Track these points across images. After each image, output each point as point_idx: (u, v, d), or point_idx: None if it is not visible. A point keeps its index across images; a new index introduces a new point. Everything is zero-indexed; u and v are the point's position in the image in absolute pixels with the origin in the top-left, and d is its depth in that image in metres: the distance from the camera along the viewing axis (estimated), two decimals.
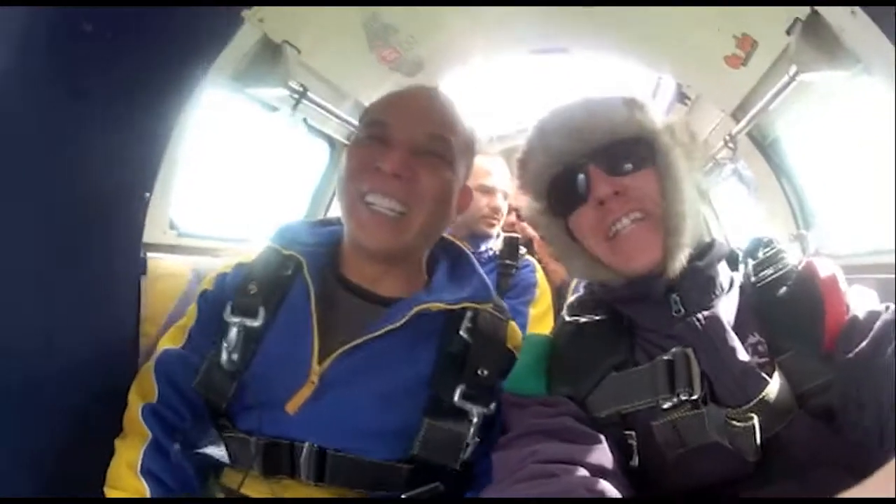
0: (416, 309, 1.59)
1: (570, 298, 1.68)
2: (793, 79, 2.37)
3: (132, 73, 1.69)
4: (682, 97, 3.77)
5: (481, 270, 1.79)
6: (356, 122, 3.35)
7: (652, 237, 1.42)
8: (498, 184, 3.36)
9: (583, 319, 1.57)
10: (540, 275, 3.39)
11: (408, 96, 1.70)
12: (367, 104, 3.31)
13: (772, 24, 2.32)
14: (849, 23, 1.93)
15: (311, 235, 1.76)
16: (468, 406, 1.57)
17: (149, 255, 2.03)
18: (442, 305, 1.62)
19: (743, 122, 3.09)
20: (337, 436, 1.54)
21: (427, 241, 1.72)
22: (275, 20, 2.28)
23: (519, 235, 3.56)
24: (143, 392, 1.66)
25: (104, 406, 1.68)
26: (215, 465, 1.63)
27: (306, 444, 1.53)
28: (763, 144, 3.30)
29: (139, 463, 1.55)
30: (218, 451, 1.57)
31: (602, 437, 1.33)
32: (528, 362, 1.58)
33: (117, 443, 1.61)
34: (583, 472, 1.22)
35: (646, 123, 1.47)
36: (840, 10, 1.93)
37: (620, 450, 1.36)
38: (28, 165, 1.52)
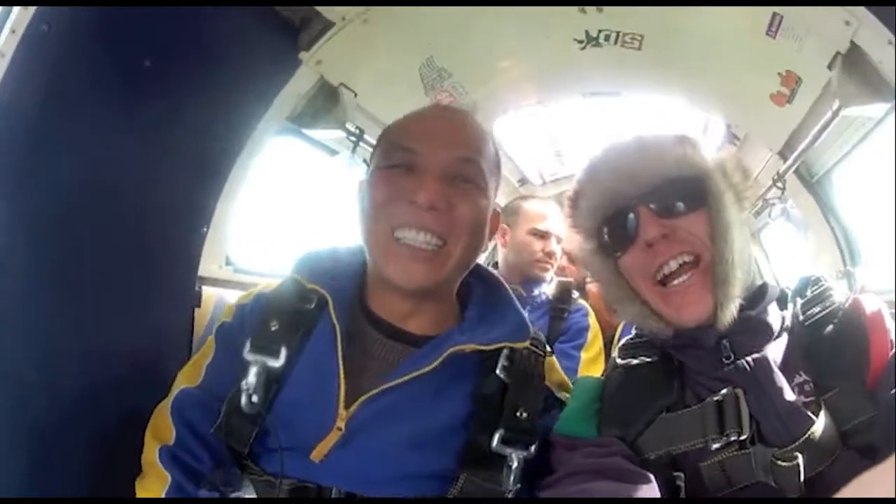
0: (448, 351, 1.46)
1: (622, 340, 1.65)
2: (836, 114, 2.34)
3: (191, 112, 1.76)
4: (731, 137, 3.76)
5: (517, 303, 1.66)
6: None
7: (703, 290, 1.38)
8: (552, 228, 3.38)
9: (634, 362, 1.55)
10: (592, 319, 3.38)
11: (431, 118, 1.59)
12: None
13: (814, 60, 2.32)
14: (886, 54, 1.92)
15: (337, 265, 1.63)
16: (507, 451, 1.46)
17: (204, 288, 2.09)
18: (476, 346, 1.50)
19: (790, 160, 3.07)
20: (366, 484, 1.44)
21: (462, 273, 1.58)
22: (332, 63, 2.33)
23: (572, 280, 3.57)
24: (159, 434, 1.54)
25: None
26: None
27: (334, 489, 1.44)
28: (810, 182, 3.28)
29: None
30: (249, 495, 1.47)
31: (651, 477, 1.31)
32: (580, 405, 1.55)
33: (137, 484, 1.52)
34: None
35: (697, 162, 1.44)
36: (878, 42, 1.93)
37: (668, 491, 1.35)
38: (94, 198, 1.61)
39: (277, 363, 1.49)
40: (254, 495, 1.46)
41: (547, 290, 3.42)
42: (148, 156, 1.71)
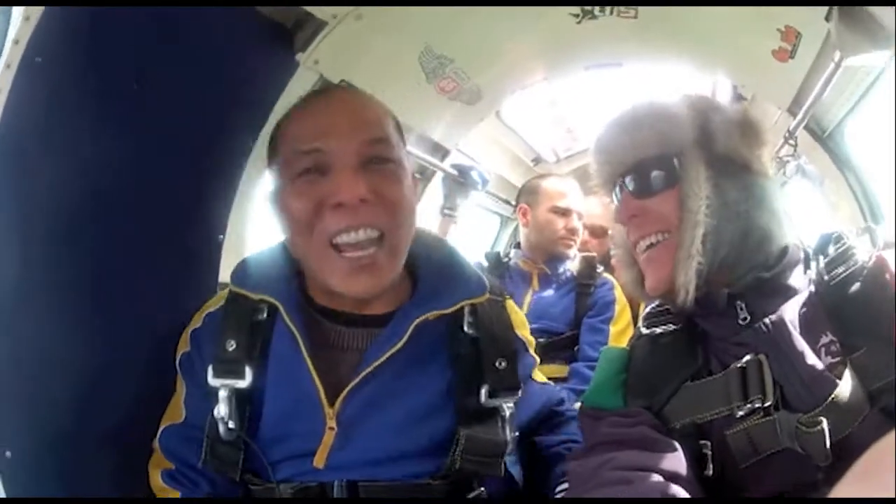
0: (414, 324, 1.46)
1: (646, 309, 1.66)
2: (838, 65, 2.34)
3: (195, 123, 1.79)
4: (738, 98, 3.73)
5: (465, 258, 1.68)
6: (423, 154, 3.45)
7: (663, 264, 1.43)
8: (573, 205, 3.44)
9: (658, 330, 1.56)
10: (618, 292, 3.40)
11: (323, 112, 1.49)
12: (432, 136, 3.40)
13: (811, 13, 2.31)
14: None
15: (275, 269, 1.59)
16: (497, 402, 1.51)
17: None
18: (439, 312, 1.51)
19: (799, 116, 3.05)
20: (371, 470, 1.46)
21: (405, 254, 1.52)
22: (329, 62, 2.34)
23: (595, 254, 3.59)
24: (158, 464, 1.58)
25: None
26: None
27: (335, 483, 1.45)
28: (822, 137, 3.25)
29: None
30: None
31: (677, 445, 1.33)
32: (606, 376, 1.56)
33: None
34: (658, 478, 1.23)
35: (671, 138, 1.44)
36: None
37: (696, 460, 1.36)
38: (108, 212, 1.64)
39: (245, 383, 1.48)
40: None
41: (571, 266, 3.45)
42: (157, 169, 1.74)
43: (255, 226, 2.32)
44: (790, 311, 1.40)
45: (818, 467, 1.25)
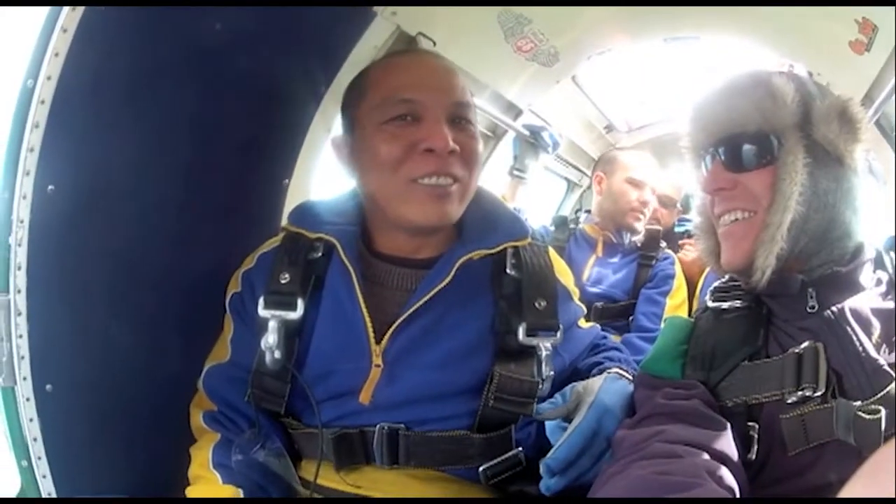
0: (459, 262, 1.56)
1: (713, 284, 1.66)
2: None
3: (269, 69, 1.81)
4: None
5: (507, 206, 1.79)
6: (495, 112, 3.44)
7: (744, 240, 1.41)
8: (647, 178, 3.50)
9: (724, 305, 1.55)
10: (678, 268, 3.47)
11: (422, 67, 1.61)
12: (506, 95, 3.39)
13: (889, 7, 2.23)
14: None
15: (333, 212, 1.68)
16: (534, 341, 1.56)
17: None
18: (483, 252, 1.61)
19: (871, 111, 2.95)
20: (412, 411, 1.53)
21: (468, 201, 1.64)
22: (407, 13, 2.34)
23: (660, 228, 3.61)
24: (200, 405, 1.66)
25: None
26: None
27: (377, 429, 1.51)
28: (890, 135, 3.15)
29: (210, 459, 1.56)
30: (287, 472, 1.57)
31: (728, 426, 1.32)
32: (668, 345, 1.56)
33: (191, 450, 1.62)
34: (706, 457, 1.22)
35: (775, 115, 1.38)
36: None
37: (741, 441, 1.35)
38: (175, 153, 1.68)
39: (295, 315, 1.54)
40: (282, 452, 1.57)
41: (635, 237, 3.48)
42: (227, 111, 1.78)
43: (321, 172, 2.36)
44: (860, 304, 1.38)
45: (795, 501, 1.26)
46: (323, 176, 2.37)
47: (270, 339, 1.52)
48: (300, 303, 1.54)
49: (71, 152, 1.45)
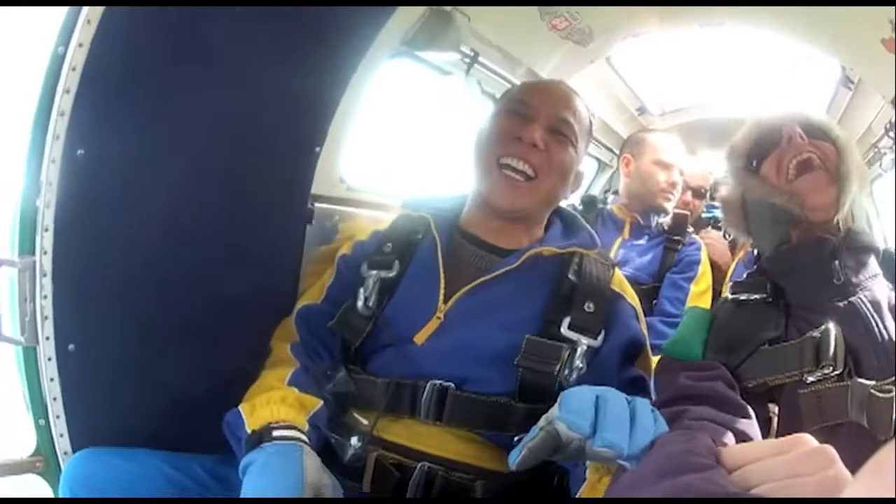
0: (529, 252, 1.78)
1: (734, 280, 1.73)
2: None
3: (303, 34, 1.83)
4: (846, 80, 3.61)
5: (589, 227, 1.96)
6: None
7: (828, 181, 1.54)
8: (676, 160, 3.47)
9: (743, 297, 1.63)
10: (704, 254, 3.45)
11: (545, 84, 2.06)
12: (540, 72, 3.40)
13: None
14: None
15: (438, 201, 1.98)
16: (574, 335, 1.69)
17: (317, 205, 2.21)
18: (553, 249, 1.82)
19: None
20: (458, 363, 1.68)
21: (547, 207, 1.92)
22: None
23: (688, 213, 3.60)
24: (286, 337, 1.84)
25: (254, 345, 1.84)
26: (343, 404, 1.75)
27: (428, 384, 1.66)
28: None
29: (288, 377, 1.68)
30: (349, 388, 1.72)
31: (750, 411, 1.35)
32: (689, 330, 1.64)
33: (265, 372, 1.74)
34: (731, 437, 1.24)
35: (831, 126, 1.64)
36: None
37: (761, 423, 1.38)
38: (211, 121, 1.70)
39: (391, 273, 1.80)
40: (353, 389, 1.72)
41: (663, 220, 3.47)
42: (260, 79, 1.79)
43: (353, 141, 2.40)
44: (878, 288, 1.47)
45: (873, 448, 1.25)
46: (353, 145, 2.41)
47: (368, 287, 1.78)
48: (397, 265, 1.81)
49: (101, 118, 1.48)
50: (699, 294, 3.29)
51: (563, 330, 1.69)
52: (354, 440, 1.61)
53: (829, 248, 1.50)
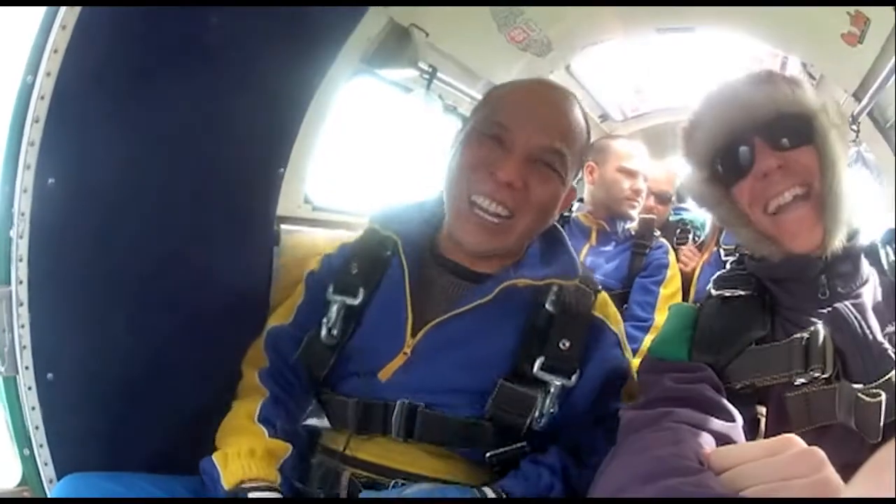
0: (503, 285, 1.63)
1: (718, 273, 1.69)
2: None
3: (263, 61, 1.84)
4: (807, 77, 3.66)
5: (572, 249, 1.80)
6: None
7: (814, 220, 1.42)
8: (640, 167, 3.48)
9: (727, 293, 1.59)
10: (672, 257, 3.50)
11: (531, 98, 1.70)
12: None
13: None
14: None
15: (410, 215, 1.82)
16: (547, 377, 1.61)
17: (283, 226, 2.21)
18: (528, 281, 1.65)
19: (864, 102, 2.99)
20: (425, 397, 1.62)
21: (526, 241, 1.75)
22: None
23: (655, 217, 3.63)
24: (255, 363, 1.80)
25: (229, 367, 1.84)
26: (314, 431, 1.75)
27: (398, 403, 1.62)
28: (884, 127, 3.17)
29: (257, 412, 1.65)
30: (320, 421, 1.71)
31: (735, 414, 1.34)
32: (674, 329, 1.60)
33: (234, 403, 1.73)
34: (713, 441, 1.22)
35: (806, 101, 1.46)
36: None
37: (749, 424, 1.38)
38: (171, 143, 1.71)
39: (356, 301, 1.72)
40: (326, 422, 1.70)
41: (630, 225, 3.50)
42: (223, 103, 1.81)
43: (317, 161, 2.40)
44: (865, 293, 1.45)
45: (862, 450, 1.26)
46: (317, 165, 2.41)
47: (331, 316, 1.71)
48: (362, 291, 1.73)
49: (71, 147, 1.49)
50: (668, 297, 3.31)
51: (536, 371, 1.62)
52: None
53: (815, 269, 1.46)
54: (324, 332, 1.71)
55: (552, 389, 1.61)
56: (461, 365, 1.64)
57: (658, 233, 3.60)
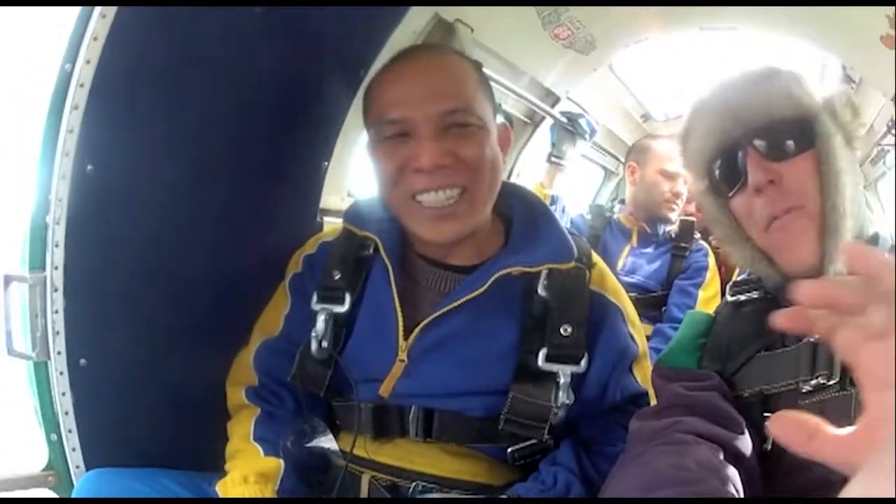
0: (496, 275, 1.54)
1: (734, 279, 1.63)
2: None
3: (308, 57, 1.86)
4: (847, 79, 3.61)
5: (560, 222, 1.70)
6: (533, 99, 3.45)
7: (808, 235, 1.32)
8: (679, 169, 3.43)
9: (742, 297, 1.53)
10: (711, 259, 3.49)
11: (408, 78, 1.54)
12: (543, 82, 3.40)
13: None
14: None
15: (384, 211, 1.67)
16: (555, 368, 1.53)
17: (325, 219, 2.21)
18: (523, 269, 1.56)
19: None
20: (435, 401, 1.57)
21: (491, 202, 1.61)
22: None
23: (694, 219, 3.60)
24: (241, 380, 1.72)
25: None
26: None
27: (412, 407, 1.57)
28: None
29: (251, 432, 1.60)
30: (329, 444, 1.63)
31: (743, 425, 1.32)
32: (686, 338, 1.54)
33: (229, 427, 1.67)
34: (721, 454, 1.22)
35: (805, 101, 1.36)
36: None
37: (757, 433, 1.34)
38: (221, 140, 1.73)
39: (343, 309, 1.62)
40: (335, 445, 1.63)
41: (670, 228, 3.50)
42: (268, 99, 1.82)
43: (359, 155, 2.39)
44: None
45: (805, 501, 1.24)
46: (361, 159, 2.40)
47: (319, 328, 1.61)
48: (348, 297, 1.62)
49: (109, 135, 1.49)
50: (708, 300, 3.31)
51: (541, 363, 1.53)
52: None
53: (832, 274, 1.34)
54: (314, 346, 1.62)
55: (562, 380, 1.53)
56: (463, 365, 1.56)
57: (698, 235, 3.57)
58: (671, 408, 1.36)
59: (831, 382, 1.28)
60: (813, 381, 1.30)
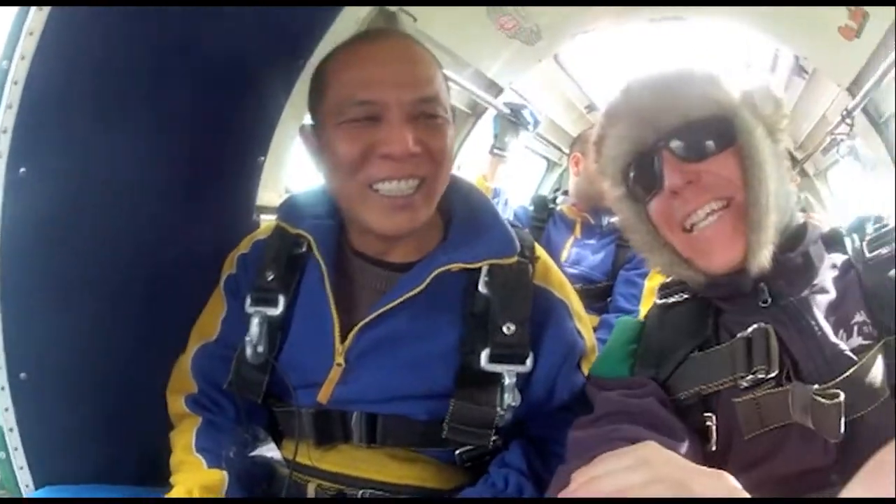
0: (435, 272, 1.50)
1: (662, 281, 1.61)
2: None
3: (244, 44, 1.78)
4: (800, 70, 3.68)
5: (502, 217, 1.66)
6: (476, 90, 3.42)
7: (733, 234, 1.33)
8: None
9: (671, 300, 1.52)
10: None
11: (381, 61, 1.46)
12: (486, 72, 3.36)
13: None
14: None
15: (318, 206, 1.64)
16: (499, 368, 1.49)
17: (263, 217, 2.15)
18: (462, 265, 1.52)
19: (858, 98, 3.00)
20: (375, 406, 1.53)
21: (440, 195, 1.55)
22: None
23: None
24: (181, 388, 1.66)
25: None
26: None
27: (355, 412, 1.53)
28: (878, 122, 3.18)
29: (192, 443, 1.55)
30: (272, 453, 1.58)
31: (684, 431, 1.30)
32: (616, 345, 1.54)
33: (172, 437, 1.61)
34: None
35: (721, 98, 1.36)
36: None
37: (699, 434, 1.34)
38: (147, 134, 1.64)
39: (277, 311, 1.56)
40: (275, 451, 1.59)
41: (614, 219, 3.50)
42: (202, 93, 1.75)
43: (296, 149, 2.33)
44: (819, 289, 1.36)
45: (827, 450, 1.22)
46: (298, 153, 2.35)
47: (254, 333, 1.55)
48: (282, 299, 1.56)
49: (42, 135, 1.42)
50: (653, 289, 3.27)
51: (483, 364, 1.48)
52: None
53: (748, 284, 1.36)
54: (249, 351, 1.55)
55: (507, 381, 1.49)
56: (404, 368, 1.51)
57: None
58: (609, 415, 1.34)
59: (770, 376, 1.27)
60: (750, 377, 1.29)
